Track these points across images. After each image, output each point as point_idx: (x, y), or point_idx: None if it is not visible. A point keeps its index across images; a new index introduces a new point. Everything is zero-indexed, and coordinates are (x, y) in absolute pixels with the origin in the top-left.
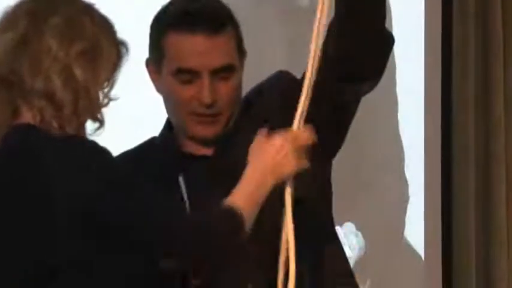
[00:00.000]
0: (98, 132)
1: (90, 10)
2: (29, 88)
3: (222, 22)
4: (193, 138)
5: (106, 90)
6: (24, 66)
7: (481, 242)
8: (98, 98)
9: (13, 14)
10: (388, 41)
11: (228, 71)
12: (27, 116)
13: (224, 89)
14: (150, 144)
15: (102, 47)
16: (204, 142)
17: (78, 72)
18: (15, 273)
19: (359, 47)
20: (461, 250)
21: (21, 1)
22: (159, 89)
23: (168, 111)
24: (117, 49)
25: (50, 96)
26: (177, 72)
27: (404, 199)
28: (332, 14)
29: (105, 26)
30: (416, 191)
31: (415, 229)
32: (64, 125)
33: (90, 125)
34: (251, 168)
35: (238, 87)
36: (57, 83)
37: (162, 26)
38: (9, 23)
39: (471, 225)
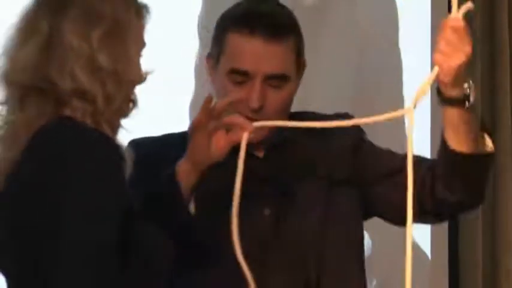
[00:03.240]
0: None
1: None
2: (62, 91)
3: (284, 30)
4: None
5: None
6: (52, 69)
7: (487, 242)
8: (131, 75)
9: (33, 17)
10: (480, 200)
11: (280, 80)
12: (70, 112)
13: (274, 97)
14: None
15: (124, 22)
16: (249, 146)
17: (103, 58)
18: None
19: (453, 198)
20: (468, 250)
21: (38, 1)
22: (213, 85)
23: None
24: (139, 16)
25: (80, 93)
26: (231, 72)
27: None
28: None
29: (120, 1)
30: None
31: (422, 229)
32: (99, 121)
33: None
34: None
35: (289, 97)
36: (83, 78)
37: (226, 23)
38: (31, 27)
39: (477, 225)
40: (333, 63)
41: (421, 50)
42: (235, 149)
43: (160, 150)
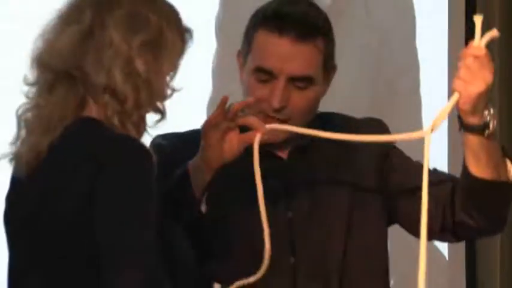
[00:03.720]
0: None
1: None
2: (93, 83)
3: (312, 31)
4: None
5: (169, 80)
6: (88, 60)
7: (505, 241)
8: (160, 89)
9: (78, 6)
10: (500, 227)
11: (305, 81)
12: (94, 109)
13: (297, 98)
14: None
15: (167, 37)
16: (270, 145)
17: (139, 64)
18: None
19: (472, 222)
20: (485, 250)
21: None
22: (241, 82)
23: None
24: (181, 38)
25: (112, 91)
26: (256, 70)
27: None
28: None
29: (169, 15)
30: None
31: None
32: (125, 121)
33: (151, 117)
34: None
35: (314, 99)
36: (118, 77)
37: (255, 21)
38: (74, 15)
39: None
40: (350, 63)
41: (437, 48)
42: (266, 154)
43: (184, 146)
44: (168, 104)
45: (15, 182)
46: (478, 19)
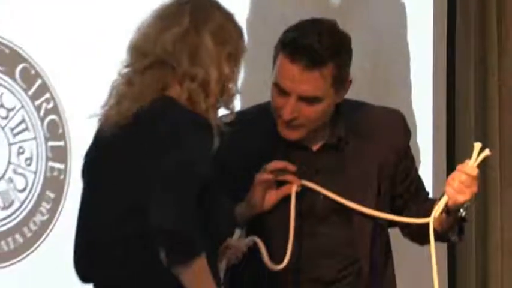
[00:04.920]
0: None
1: (233, 19)
2: (184, 72)
3: (321, 60)
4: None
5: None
6: (184, 54)
7: (479, 241)
8: (233, 93)
9: (178, 12)
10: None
11: (313, 100)
12: (175, 91)
13: (307, 110)
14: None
15: (241, 52)
16: (290, 142)
17: (226, 70)
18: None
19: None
20: (462, 252)
21: (185, 1)
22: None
23: None
24: (244, 48)
25: (204, 84)
26: (275, 85)
27: None
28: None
29: (241, 33)
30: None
31: None
32: (208, 108)
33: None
34: None
35: (322, 110)
36: (213, 75)
37: (279, 42)
38: (174, 17)
39: (471, 224)
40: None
41: (423, 58)
42: (289, 143)
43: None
44: None
45: (98, 140)
46: (477, 146)
